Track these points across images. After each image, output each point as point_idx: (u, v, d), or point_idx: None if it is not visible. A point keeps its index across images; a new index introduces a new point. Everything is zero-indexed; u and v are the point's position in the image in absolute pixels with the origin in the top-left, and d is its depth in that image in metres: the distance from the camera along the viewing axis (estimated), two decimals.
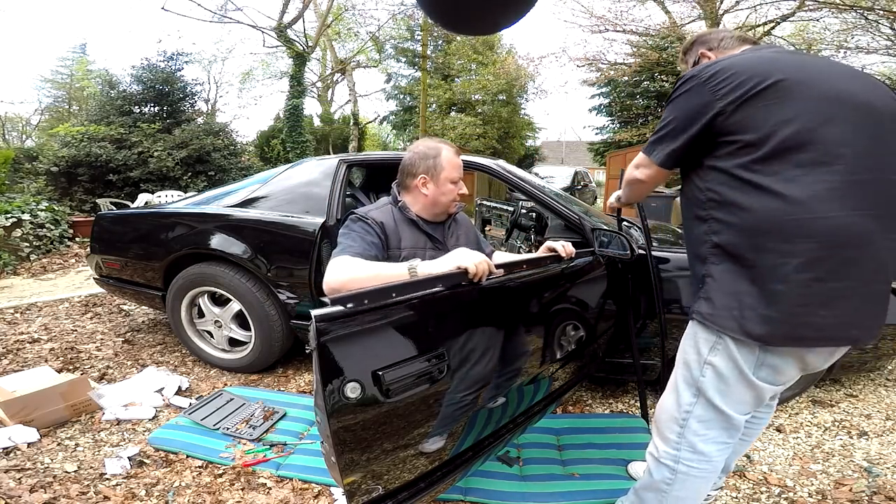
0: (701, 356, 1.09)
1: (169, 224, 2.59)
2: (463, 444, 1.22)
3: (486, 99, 18.78)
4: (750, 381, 1.04)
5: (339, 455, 0.90)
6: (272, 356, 2.45)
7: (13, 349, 2.78)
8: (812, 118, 0.93)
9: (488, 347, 1.21)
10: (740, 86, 0.97)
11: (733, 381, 1.06)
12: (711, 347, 1.07)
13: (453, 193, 1.47)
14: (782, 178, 0.93)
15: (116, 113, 10.04)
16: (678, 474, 1.15)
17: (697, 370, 1.10)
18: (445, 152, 1.44)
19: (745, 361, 1.03)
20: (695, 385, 1.11)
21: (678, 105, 1.07)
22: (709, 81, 1.01)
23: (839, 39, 10.08)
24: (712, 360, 1.07)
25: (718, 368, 1.06)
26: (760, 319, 0.96)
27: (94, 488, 1.59)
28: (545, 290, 1.45)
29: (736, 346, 1.02)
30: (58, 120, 17.82)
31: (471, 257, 1.11)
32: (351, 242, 1.30)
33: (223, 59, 22.41)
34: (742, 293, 0.99)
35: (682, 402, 1.14)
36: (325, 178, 2.39)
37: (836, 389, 2.40)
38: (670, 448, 1.16)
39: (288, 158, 11.61)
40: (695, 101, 1.03)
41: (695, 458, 1.13)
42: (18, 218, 5.45)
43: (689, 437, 1.13)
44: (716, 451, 1.12)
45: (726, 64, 1.01)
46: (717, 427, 1.11)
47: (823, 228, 0.90)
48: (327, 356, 0.85)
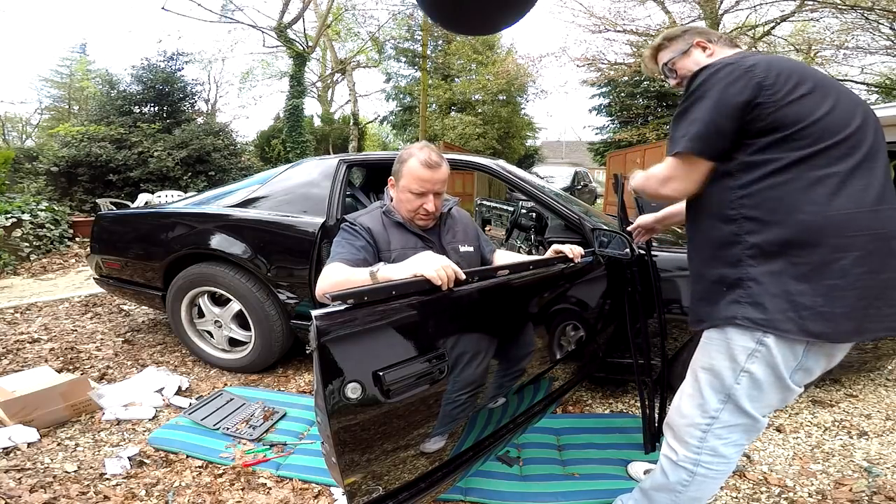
0: (737, 364, 1.05)
1: (169, 224, 2.59)
2: (463, 444, 1.22)
3: (486, 99, 18.79)
4: (785, 384, 1.03)
5: (339, 455, 0.90)
6: (272, 356, 2.45)
7: (13, 349, 2.78)
8: (847, 118, 0.96)
9: (488, 348, 1.21)
10: (787, 80, 0.95)
11: (768, 387, 1.04)
12: (750, 354, 1.02)
13: (413, 205, 1.39)
14: (830, 174, 0.94)
15: (116, 113, 10.05)
16: (696, 476, 1.14)
17: (731, 378, 1.06)
18: (413, 161, 1.37)
19: (785, 366, 1.01)
20: (725, 392, 1.08)
21: (718, 92, 0.98)
22: (752, 70, 0.96)
23: (839, 39, 10.08)
24: (750, 368, 1.03)
25: (755, 375, 1.03)
26: (821, 317, 0.93)
27: (94, 488, 1.59)
28: (545, 290, 1.45)
29: (779, 350, 0.99)
30: (58, 120, 17.82)
31: (431, 264, 1.03)
32: (340, 249, 1.33)
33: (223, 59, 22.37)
34: (793, 293, 0.95)
35: (708, 408, 1.11)
36: (324, 178, 2.39)
37: (836, 389, 2.40)
38: (690, 452, 1.14)
39: (288, 158, 11.61)
40: (739, 88, 0.96)
41: (715, 460, 1.12)
42: (18, 218, 5.45)
43: (711, 442, 1.11)
44: (735, 453, 1.13)
45: (762, 59, 0.99)
46: (740, 431, 1.11)
47: (874, 221, 0.93)
48: (328, 356, 0.85)
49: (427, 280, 1.01)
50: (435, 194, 1.40)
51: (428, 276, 1.01)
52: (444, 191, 1.45)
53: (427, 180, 1.36)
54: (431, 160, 1.37)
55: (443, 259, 1.05)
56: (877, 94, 11.62)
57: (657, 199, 1.23)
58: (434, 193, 1.39)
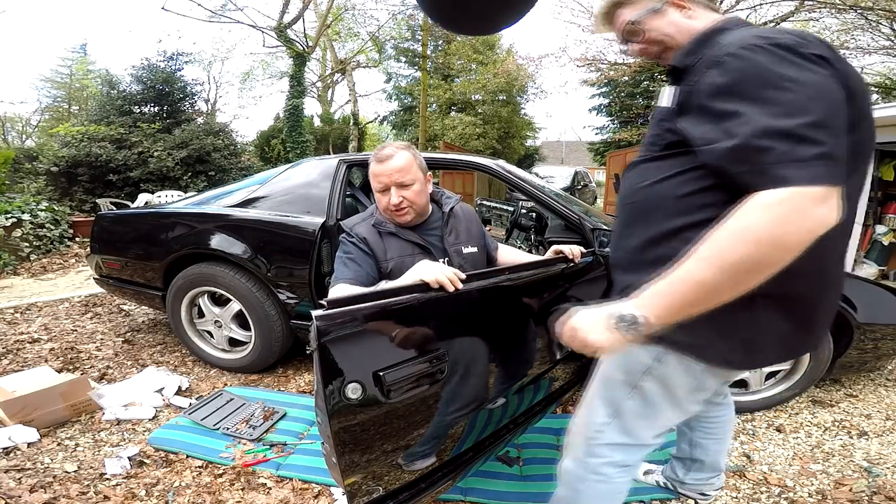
0: (631, 377, 0.95)
1: (169, 224, 2.59)
2: (463, 444, 1.22)
3: (486, 99, 18.80)
4: (679, 404, 0.95)
5: (340, 456, 0.90)
6: (272, 356, 2.45)
7: (13, 349, 2.78)
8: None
9: (489, 347, 1.21)
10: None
11: (661, 405, 0.95)
12: (646, 371, 0.93)
13: (382, 204, 1.38)
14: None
15: (116, 113, 10.05)
16: (580, 494, 1.05)
17: (622, 392, 0.97)
18: (373, 160, 1.36)
19: (680, 385, 0.92)
20: (614, 406, 0.98)
21: (813, 87, 0.68)
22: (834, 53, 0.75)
23: (839, 39, 10.08)
24: (643, 385, 0.94)
25: (648, 393, 0.94)
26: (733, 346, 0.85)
27: (94, 488, 1.59)
28: (546, 290, 1.45)
29: (677, 369, 0.90)
30: (58, 120, 17.81)
31: (430, 271, 1.05)
32: (343, 268, 1.32)
33: (223, 59, 22.39)
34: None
35: (595, 420, 1.01)
36: (324, 178, 2.39)
37: (836, 389, 2.40)
38: (576, 465, 1.05)
39: (288, 158, 11.61)
40: (834, 84, 0.71)
41: (596, 477, 1.02)
42: (18, 218, 5.45)
43: (592, 459, 1.02)
44: (618, 473, 1.02)
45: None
46: (624, 451, 1.01)
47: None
48: (328, 357, 0.85)
49: (427, 285, 1.03)
50: (398, 186, 1.33)
51: (427, 280, 1.03)
52: (411, 181, 1.35)
53: (381, 174, 1.34)
54: (381, 154, 1.35)
55: (441, 267, 1.07)
56: (877, 94, 11.62)
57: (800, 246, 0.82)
58: (396, 185, 1.33)
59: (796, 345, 0.91)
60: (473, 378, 1.15)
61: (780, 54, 0.71)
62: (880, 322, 1.97)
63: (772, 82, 0.70)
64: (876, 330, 1.98)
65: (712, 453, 1.41)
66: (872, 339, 2.01)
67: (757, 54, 0.72)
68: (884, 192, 4.89)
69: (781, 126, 0.67)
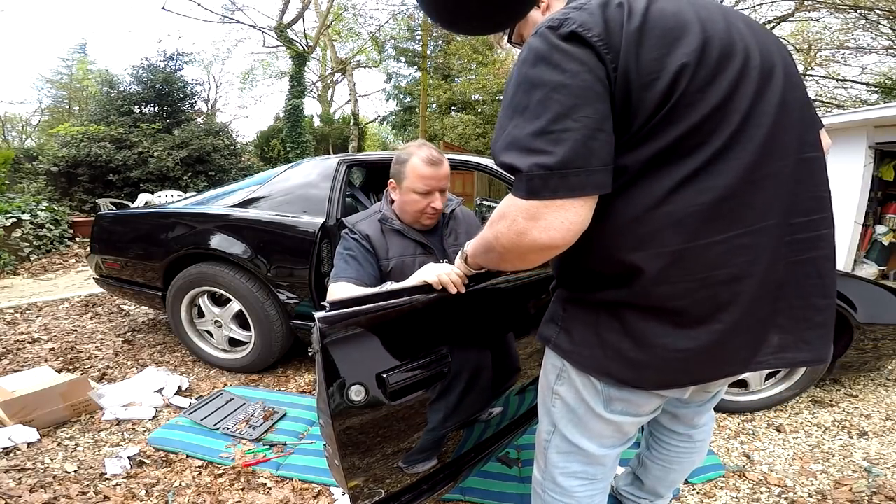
0: (550, 381, 0.92)
1: (169, 224, 2.58)
2: (465, 445, 1.22)
3: (486, 99, 18.76)
4: (598, 415, 0.86)
5: (342, 458, 0.89)
6: (272, 356, 2.45)
7: (13, 349, 2.78)
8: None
9: (491, 348, 1.21)
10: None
11: (580, 412, 0.88)
12: (558, 375, 0.89)
13: (419, 205, 1.35)
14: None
15: (116, 113, 10.05)
16: None
17: (549, 398, 0.93)
18: (415, 160, 1.32)
19: (589, 394, 0.86)
20: (549, 412, 0.95)
21: (549, 86, 0.66)
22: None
23: (839, 39, 10.08)
24: (559, 390, 0.90)
25: (566, 399, 0.89)
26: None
27: (94, 488, 1.59)
28: (546, 289, 1.45)
29: (580, 375, 0.84)
30: (58, 120, 17.78)
31: (434, 271, 1.04)
32: (343, 265, 1.32)
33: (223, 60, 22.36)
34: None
35: (542, 429, 0.98)
36: (324, 178, 2.39)
37: (836, 389, 2.40)
38: (539, 475, 1.02)
39: (288, 158, 11.60)
40: (586, 76, 0.67)
41: (556, 489, 0.97)
42: (18, 218, 5.45)
43: (549, 469, 0.98)
44: (578, 486, 0.95)
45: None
46: (576, 461, 0.94)
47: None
48: (330, 359, 0.85)
49: (430, 286, 1.02)
50: (440, 191, 1.37)
51: (430, 281, 1.02)
52: (448, 187, 1.42)
53: (431, 178, 1.33)
54: (433, 157, 1.34)
55: (446, 268, 1.06)
56: (877, 94, 11.61)
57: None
58: (439, 190, 1.37)
59: (712, 369, 0.74)
60: (476, 379, 1.15)
61: (533, 48, 0.66)
62: (880, 322, 1.98)
63: (520, 85, 0.67)
64: (876, 330, 1.98)
65: (652, 478, 1.29)
66: (872, 339, 2.01)
67: (521, 53, 0.70)
68: (884, 192, 4.89)
69: (516, 135, 0.65)
